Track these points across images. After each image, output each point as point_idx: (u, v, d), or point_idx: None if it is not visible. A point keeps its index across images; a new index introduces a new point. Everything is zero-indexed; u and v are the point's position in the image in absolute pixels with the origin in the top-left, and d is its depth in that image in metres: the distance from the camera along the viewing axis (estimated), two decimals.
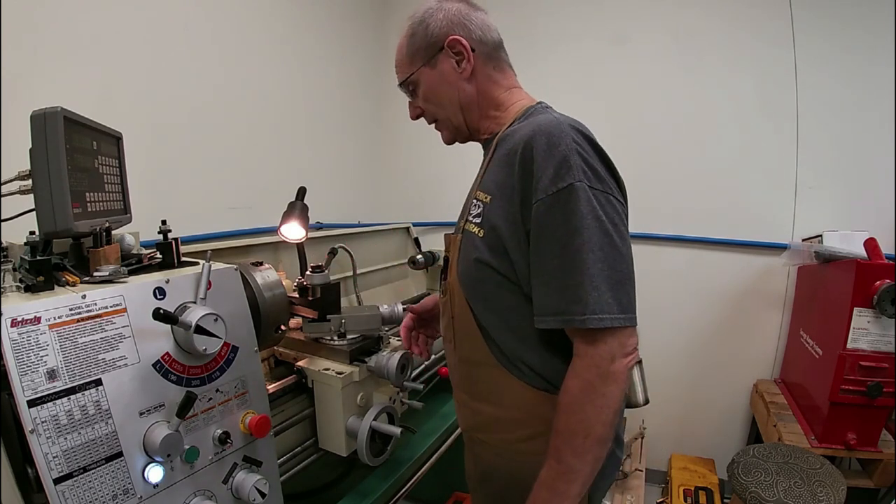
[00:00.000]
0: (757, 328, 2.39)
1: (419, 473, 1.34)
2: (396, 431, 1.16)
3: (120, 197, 1.01)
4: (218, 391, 0.84)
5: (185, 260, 0.92)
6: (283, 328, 1.10)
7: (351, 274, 1.96)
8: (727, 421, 2.49)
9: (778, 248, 2.23)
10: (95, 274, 0.77)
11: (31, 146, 0.75)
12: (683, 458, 2.42)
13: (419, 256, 2.21)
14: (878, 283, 1.64)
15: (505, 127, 0.92)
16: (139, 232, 1.01)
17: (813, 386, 1.93)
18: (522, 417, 0.88)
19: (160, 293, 0.78)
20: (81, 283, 0.75)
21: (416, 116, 1.01)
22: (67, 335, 0.67)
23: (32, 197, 0.77)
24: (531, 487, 0.85)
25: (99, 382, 0.69)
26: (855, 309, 1.68)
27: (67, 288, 0.73)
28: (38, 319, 0.65)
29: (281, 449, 1.10)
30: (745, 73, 2.29)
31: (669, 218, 2.40)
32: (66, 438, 0.65)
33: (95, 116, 0.90)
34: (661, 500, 2.28)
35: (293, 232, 1.42)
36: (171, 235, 0.92)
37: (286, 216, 1.41)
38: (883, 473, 1.73)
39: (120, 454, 0.71)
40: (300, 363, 1.20)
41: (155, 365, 0.76)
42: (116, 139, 1.01)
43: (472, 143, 1.03)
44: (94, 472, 0.68)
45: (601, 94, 2.48)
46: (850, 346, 1.69)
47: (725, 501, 2.19)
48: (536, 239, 0.78)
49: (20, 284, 0.73)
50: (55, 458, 0.64)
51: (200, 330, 0.76)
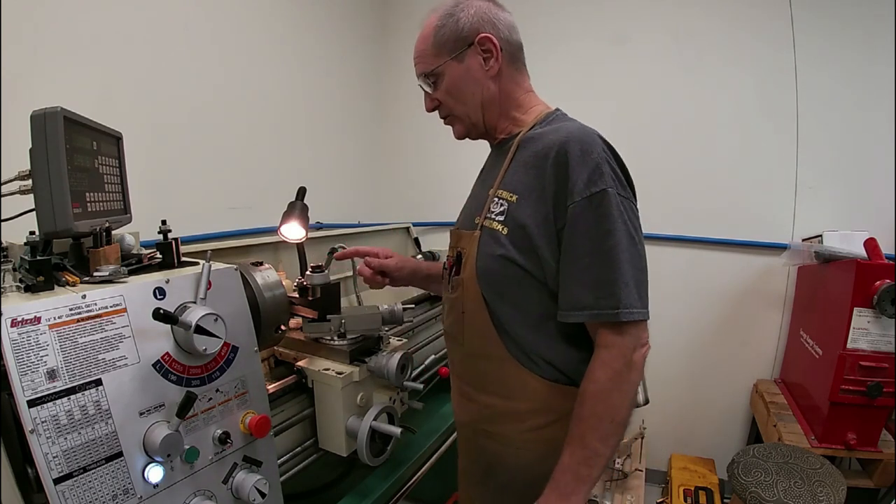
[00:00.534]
0: (757, 328, 2.39)
1: (419, 473, 1.35)
2: (396, 431, 1.16)
3: (120, 197, 1.01)
4: (218, 391, 0.84)
5: (185, 260, 0.92)
6: (283, 328, 1.10)
7: (351, 274, 1.96)
8: (727, 421, 2.49)
9: (778, 248, 2.23)
10: (95, 274, 0.77)
11: (31, 146, 0.75)
12: (683, 458, 2.42)
13: (419, 256, 2.22)
14: (878, 283, 1.65)
15: (526, 129, 0.94)
16: (139, 232, 1.01)
17: (813, 386, 1.93)
18: (533, 408, 0.91)
19: (160, 293, 0.78)
20: (81, 283, 0.75)
21: (432, 109, 1.01)
22: (67, 335, 0.67)
23: (32, 197, 0.76)
24: (538, 476, 0.88)
25: (99, 382, 0.69)
26: (855, 309, 1.68)
27: (67, 288, 0.73)
28: (38, 319, 0.65)
29: (281, 449, 1.10)
30: (745, 73, 2.29)
31: (669, 218, 2.40)
32: (66, 438, 0.65)
33: (95, 116, 0.90)
34: (661, 500, 2.28)
35: (293, 232, 1.42)
36: (171, 235, 0.91)
37: (286, 216, 1.41)
38: (883, 473, 1.73)
39: (120, 454, 0.70)
40: (300, 363, 1.20)
41: (155, 365, 0.76)
42: (116, 139, 1.01)
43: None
44: (94, 472, 0.68)
45: (601, 94, 2.48)
46: (850, 346, 1.69)
47: (725, 501, 2.19)
48: (570, 238, 0.82)
49: (20, 284, 0.73)
50: (55, 458, 0.64)
51: (200, 330, 0.76)
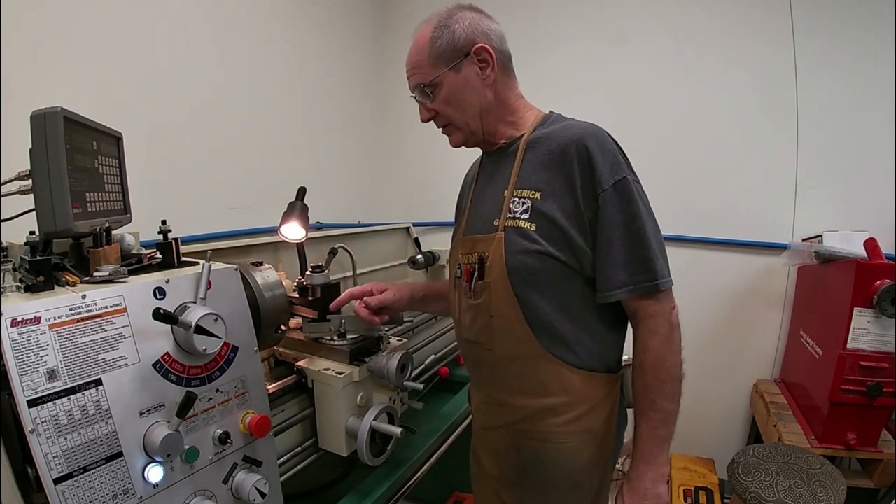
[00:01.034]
0: (757, 328, 2.39)
1: (419, 473, 1.34)
2: (396, 431, 1.16)
3: (120, 197, 1.01)
4: (218, 391, 0.84)
5: (185, 260, 0.92)
6: (283, 328, 1.10)
7: (351, 274, 1.96)
8: (727, 421, 2.49)
9: (778, 248, 2.22)
10: (95, 274, 0.77)
11: (31, 146, 0.75)
12: (683, 458, 2.42)
13: (419, 256, 2.21)
14: (878, 283, 1.64)
15: (528, 132, 0.98)
16: (139, 232, 1.01)
17: (813, 386, 1.93)
18: (569, 401, 0.96)
19: (160, 293, 0.78)
20: (81, 283, 0.75)
21: (428, 119, 1.03)
22: (67, 335, 0.67)
23: (32, 197, 0.77)
24: (578, 467, 0.96)
25: (99, 382, 0.69)
26: (855, 309, 1.68)
27: (67, 288, 0.73)
28: (38, 319, 0.65)
29: (281, 449, 1.10)
30: (745, 73, 2.29)
31: (669, 218, 2.36)
32: (66, 438, 0.65)
33: (95, 116, 0.90)
34: None
35: (293, 232, 1.42)
36: (171, 235, 0.91)
37: (286, 216, 1.41)
38: (883, 473, 1.73)
39: (120, 454, 0.70)
40: (300, 363, 1.20)
41: (155, 365, 0.76)
42: (116, 139, 1.01)
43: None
44: (94, 472, 0.68)
45: (601, 94, 2.48)
46: (850, 346, 1.69)
47: (725, 501, 2.19)
48: (603, 223, 0.89)
49: (20, 284, 0.73)
50: (55, 458, 0.64)
51: (200, 330, 0.76)
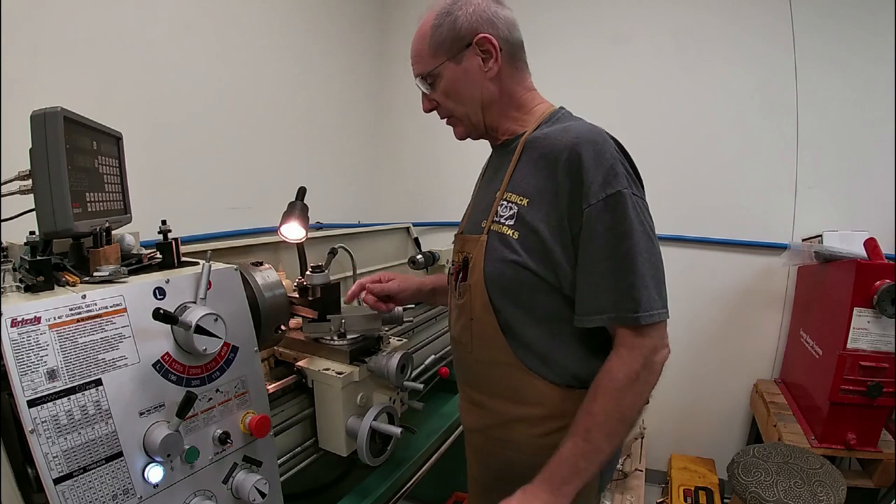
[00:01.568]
0: (757, 328, 2.39)
1: (419, 473, 1.34)
2: (396, 431, 1.16)
3: (120, 197, 1.01)
4: (218, 391, 0.84)
5: (185, 260, 0.92)
6: (283, 328, 1.10)
7: (351, 274, 1.96)
8: (727, 421, 2.49)
9: (778, 248, 2.23)
10: (95, 274, 0.77)
11: (31, 146, 0.75)
12: (683, 458, 2.42)
13: (419, 256, 2.21)
14: (878, 283, 1.64)
15: (530, 130, 0.92)
16: (139, 232, 1.01)
17: (813, 386, 1.93)
18: (546, 413, 0.91)
19: (160, 293, 0.78)
20: (81, 283, 0.75)
21: (429, 110, 0.98)
22: (67, 335, 0.67)
23: (32, 197, 0.76)
24: None
25: (99, 382, 0.69)
26: (855, 309, 1.68)
27: (67, 288, 0.73)
28: (38, 319, 0.65)
29: (281, 449, 1.10)
30: (745, 72, 2.29)
31: (669, 218, 2.40)
32: (66, 438, 0.65)
33: (95, 116, 0.90)
34: (661, 500, 2.28)
35: (293, 232, 1.42)
36: (171, 235, 0.91)
37: (286, 216, 1.41)
38: (883, 473, 1.73)
39: (120, 454, 0.70)
40: (300, 363, 1.20)
41: (155, 365, 0.76)
42: (116, 139, 1.01)
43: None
44: (94, 472, 0.68)
45: (601, 93, 2.47)
46: (850, 346, 1.69)
47: (725, 501, 2.19)
48: (587, 242, 0.81)
49: (20, 284, 0.73)
50: (55, 458, 0.64)
51: (200, 330, 0.76)
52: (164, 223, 0.92)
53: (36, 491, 0.67)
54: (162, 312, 0.72)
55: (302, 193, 1.45)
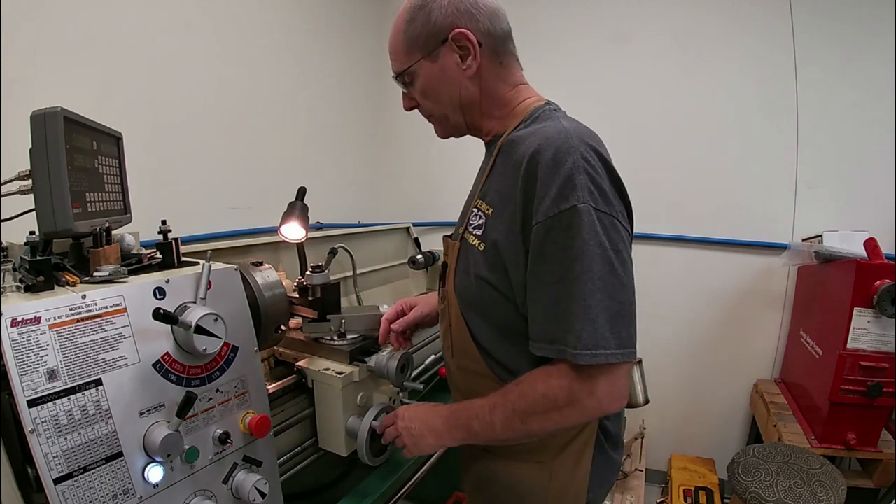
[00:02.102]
0: (757, 328, 2.39)
1: (419, 473, 1.34)
2: None
3: (120, 197, 1.01)
4: (218, 391, 0.84)
5: (185, 260, 0.92)
6: (283, 328, 1.10)
7: (351, 274, 1.96)
8: (727, 421, 2.49)
9: (778, 248, 2.23)
10: (95, 274, 0.77)
11: (31, 146, 0.75)
12: (683, 458, 2.42)
13: (419, 256, 2.21)
14: (878, 283, 1.64)
15: (510, 129, 0.85)
16: (139, 232, 1.01)
17: (813, 386, 1.93)
18: None
19: (160, 293, 0.78)
20: (81, 283, 0.75)
21: (410, 108, 0.93)
22: (67, 335, 0.67)
23: (32, 197, 0.76)
24: (526, 492, 0.87)
25: (99, 382, 0.69)
26: (855, 309, 1.68)
27: (67, 288, 0.73)
28: (38, 319, 0.65)
29: (281, 449, 1.10)
30: (745, 72, 2.29)
31: (669, 218, 2.40)
32: (66, 438, 0.65)
33: (95, 116, 0.90)
34: (661, 500, 2.28)
35: (293, 232, 1.42)
36: (171, 235, 0.91)
37: (286, 216, 1.41)
38: (883, 473, 1.73)
39: (120, 454, 0.70)
40: (300, 363, 1.20)
41: (155, 365, 0.76)
42: (116, 139, 1.01)
43: (474, 141, 1.01)
44: (94, 472, 0.68)
45: (600, 93, 2.48)
46: (850, 346, 1.69)
47: (725, 501, 2.19)
48: (534, 262, 0.74)
49: (20, 284, 0.73)
50: (55, 458, 0.64)
51: (200, 330, 0.76)
52: (164, 223, 0.92)
53: (36, 491, 0.67)
54: (162, 312, 0.72)
55: (302, 193, 1.45)
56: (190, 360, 0.80)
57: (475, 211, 0.85)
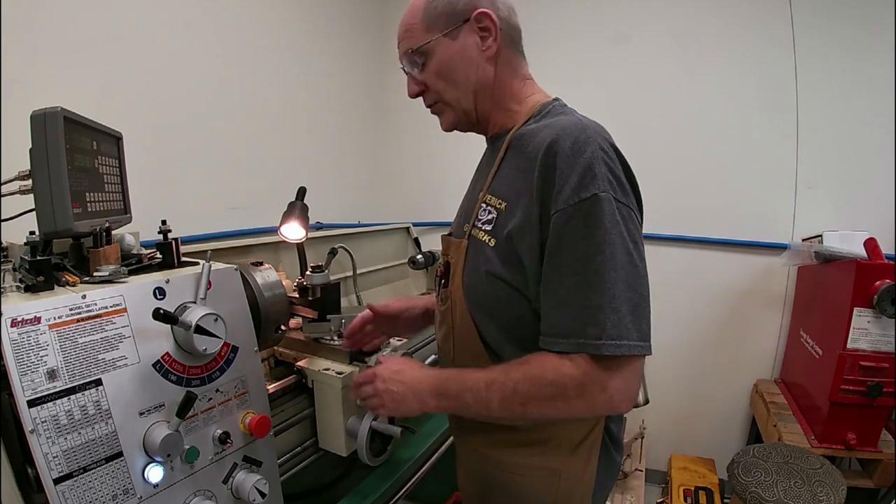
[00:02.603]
0: (757, 328, 2.39)
1: (419, 473, 1.34)
2: (396, 431, 1.16)
3: (120, 197, 1.01)
4: (218, 391, 0.84)
5: (185, 260, 0.92)
6: (283, 328, 1.10)
7: (351, 274, 1.96)
8: (727, 421, 2.49)
9: (778, 248, 2.23)
10: (95, 274, 0.77)
11: (31, 146, 0.75)
12: (683, 458, 2.42)
13: (419, 256, 2.22)
14: (878, 283, 1.65)
15: (518, 125, 0.85)
16: (139, 232, 1.01)
17: (813, 386, 1.93)
18: (524, 431, 0.86)
19: (160, 293, 0.78)
20: (81, 283, 0.75)
21: (416, 94, 0.89)
22: (67, 335, 0.67)
23: (32, 197, 0.76)
24: (532, 502, 0.85)
25: (99, 382, 0.69)
26: (855, 309, 1.68)
27: (67, 288, 0.73)
28: (38, 319, 0.65)
29: (281, 449, 1.10)
30: (745, 72, 2.29)
31: (669, 218, 2.40)
32: (66, 438, 0.65)
33: (95, 116, 0.90)
34: (661, 500, 2.28)
35: (293, 232, 1.42)
36: (171, 235, 0.91)
37: (286, 216, 1.41)
38: (883, 473, 1.73)
39: (120, 454, 0.71)
40: (300, 363, 1.20)
41: (155, 365, 0.76)
42: (116, 139, 1.01)
43: (474, 140, 1.00)
44: (94, 472, 0.68)
45: (600, 93, 2.47)
46: (850, 346, 1.69)
47: (725, 501, 2.19)
48: (553, 253, 0.72)
49: (20, 284, 0.73)
50: (55, 458, 0.64)
51: (200, 330, 0.76)
52: (164, 223, 0.92)
53: (36, 491, 0.67)
54: (162, 312, 0.72)
55: (302, 193, 1.45)
56: (190, 360, 0.80)
57: (484, 206, 0.84)
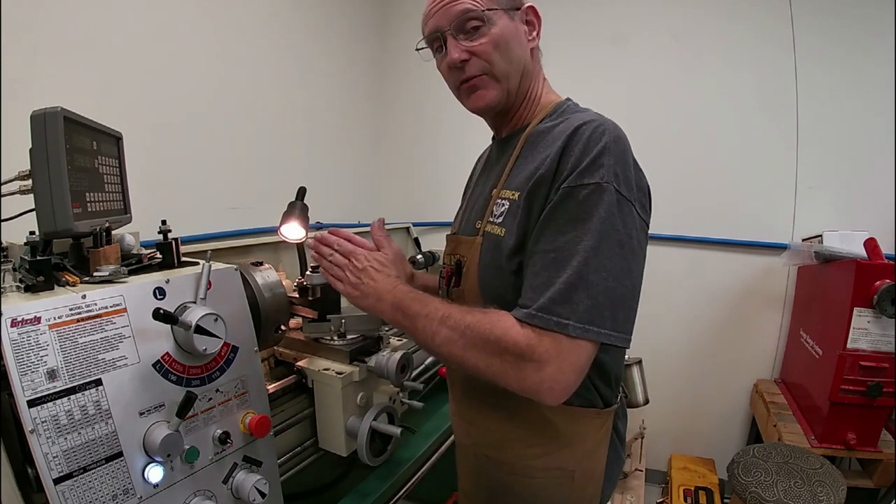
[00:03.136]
0: (757, 328, 2.39)
1: (419, 473, 1.34)
2: (396, 431, 1.16)
3: (120, 197, 1.01)
4: (218, 391, 0.84)
5: (185, 260, 0.92)
6: (283, 328, 1.10)
7: None
8: (727, 421, 2.49)
9: (778, 248, 2.23)
10: (95, 274, 0.77)
11: (31, 146, 0.75)
12: (683, 458, 2.42)
13: (419, 256, 2.21)
14: (878, 283, 1.65)
15: (534, 123, 0.86)
16: (139, 232, 1.01)
17: (813, 386, 1.93)
18: (542, 433, 0.85)
19: (160, 293, 0.78)
20: (81, 283, 0.75)
21: (461, 60, 0.83)
22: (67, 335, 0.67)
23: (32, 197, 0.76)
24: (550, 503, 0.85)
25: (99, 382, 0.69)
26: (855, 309, 1.68)
27: (67, 288, 0.73)
28: (38, 319, 0.65)
29: (281, 449, 1.10)
30: (745, 72, 2.29)
31: (669, 218, 2.40)
32: (66, 438, 0.65)
33: (95, 116, 0.90)
34: (661, 500, 2.28)
35: (293, 232, 1.42)
36: (171, 235, 0.91)
37: (286, 216, 1.41)
38: (883, 473, 1.73)
39: (120, 454, 0.70)
40: (300, 363, 1.20)
41: (155, 365, 0.76)
42: (116, 139, 1.01)
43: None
44: (94, 472, 0.68)
45: (600, 93, 2.46)
46: (850, 346, 1.69)
47: (725, 501, 2.19)
48: (544, 225, 0.73)
49: (20, 284, 0.73)
50: (55, 458, 0.64)
51: (200, 330, 0.76)
52: (164, 223, 0.92)
53: (36, 491, 0.67)
54: (162, 312, 0.72)
55: (302, 193, 1.45)
56: (190, 360, 0.80)
57: (499, 202, 0.84)
